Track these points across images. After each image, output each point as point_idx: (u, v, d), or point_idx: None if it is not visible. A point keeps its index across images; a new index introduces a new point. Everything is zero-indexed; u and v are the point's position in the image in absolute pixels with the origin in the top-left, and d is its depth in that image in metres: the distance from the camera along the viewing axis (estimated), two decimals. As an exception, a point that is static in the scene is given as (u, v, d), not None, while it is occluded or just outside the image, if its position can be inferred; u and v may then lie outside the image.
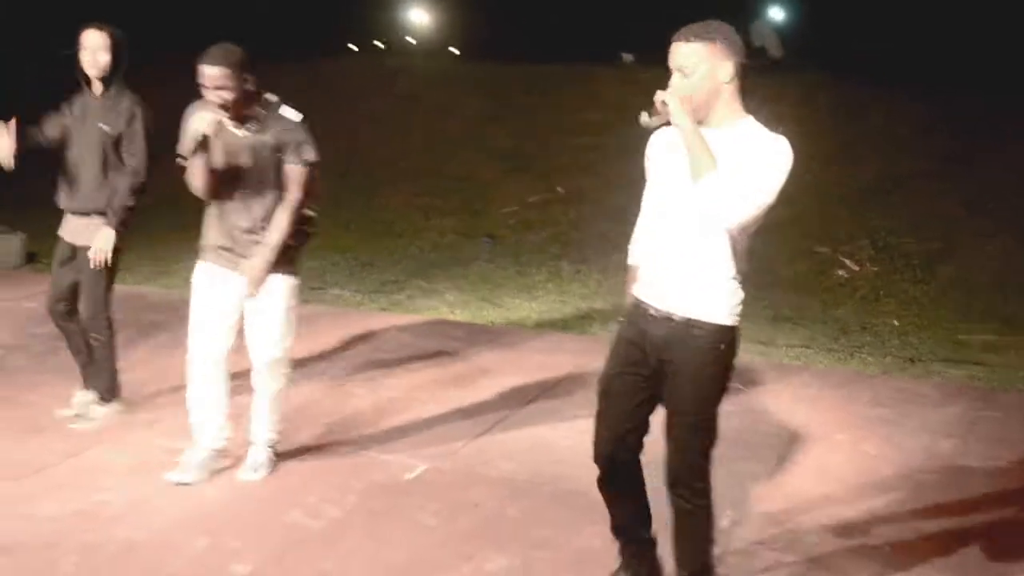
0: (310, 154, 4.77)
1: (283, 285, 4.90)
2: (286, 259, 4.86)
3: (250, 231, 4.82)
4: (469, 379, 6.73)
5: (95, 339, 5.68)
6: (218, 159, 4.74)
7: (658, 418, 3.74)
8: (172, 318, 8.06)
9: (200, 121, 4.54)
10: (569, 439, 5.60)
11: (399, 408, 6.14)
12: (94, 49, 5.36)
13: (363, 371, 6.83)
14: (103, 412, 5.77)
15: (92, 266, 5.46)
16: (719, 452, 5.29)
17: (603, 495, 3.91)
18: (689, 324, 3.53)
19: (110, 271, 5.53)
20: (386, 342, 7.60)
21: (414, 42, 54.60)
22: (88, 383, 5.83)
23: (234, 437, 5.16)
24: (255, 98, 4.73)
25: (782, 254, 10.81)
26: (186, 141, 4.61)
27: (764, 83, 16.19)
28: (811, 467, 5.49)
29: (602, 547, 4.15)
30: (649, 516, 3.94)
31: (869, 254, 10.69)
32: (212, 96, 4.58)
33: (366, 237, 11.47)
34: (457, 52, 47.36)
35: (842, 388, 6.89)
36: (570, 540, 4.50)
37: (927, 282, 10.03)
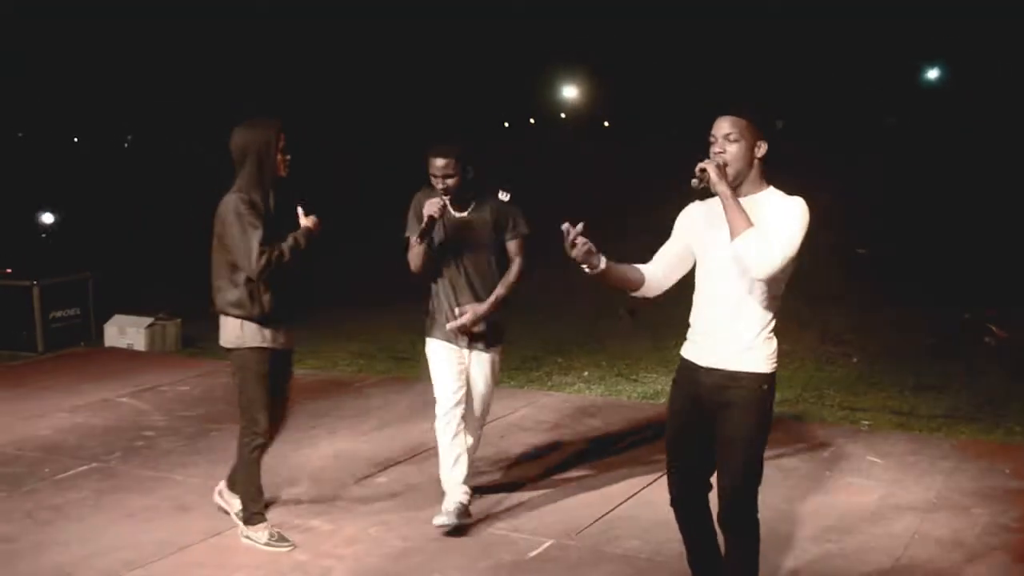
0: (524, 227, 5.56)
1: (497, 356, 5.73)
2: (500, 332, 5.70)
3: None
4: (600, 455, 6.79)
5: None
6: (439, 238, 5.45)
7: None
8: (310, 398, 8.36)
9: (430, 206, 5.22)
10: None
11: (529, 484, 6.23)
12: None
13: (495, 447, 6.93)
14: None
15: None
16: (856, 527, 5.28)
17: (681, 532, 4.34)
18: (734, 376, 3.99)
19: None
20: (520, 419, 7.70)
21: (563, 116, 55.47)
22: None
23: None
24: (472, 183, 5.45)
25: (926, 321, 10.62)
26: (415, 225, 5.36)
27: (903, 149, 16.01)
28: (947, 541, 5.37)
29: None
30: (719, 547, 4.22)
31: (1020, 319, 10.39)
32: (438, 184, 5.26)
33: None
34: (607, 125, 48.07)
35: (983, 459, 6.69)
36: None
37: (1079, 347, 9.70)
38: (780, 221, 3.87)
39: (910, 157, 15.29)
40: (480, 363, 5.63)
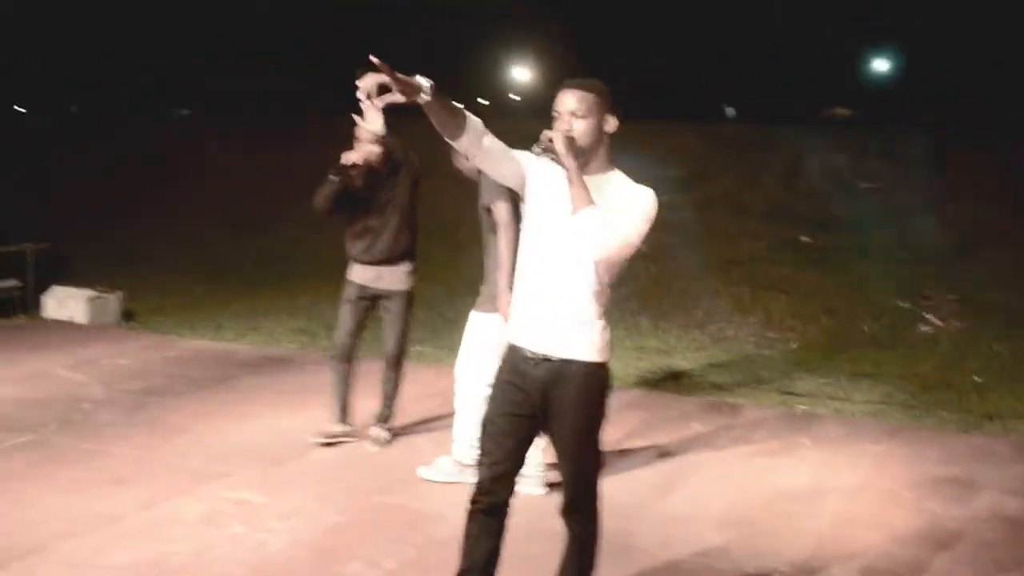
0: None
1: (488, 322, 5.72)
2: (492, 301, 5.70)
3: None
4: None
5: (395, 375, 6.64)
6: None
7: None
8: (250, 373, 8.34)
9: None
10: (634, 496, 5.68)
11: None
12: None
13: (431, 426, 6.96)
14: (387, 435, 6.64)
15: (401, 309, 6.54)
16: (785, 508, 5.35)
17: (467, 535, 3.88)
18: (566, 363, 3.72)
19: (409, 312, 6.62)
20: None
21: (517, 99, 55.33)
22: (345, 416, 6.57)
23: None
24: None
25: (865, 310, 10.76)
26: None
27: (851, 140, 16.21)
28: (872, 523, 5.47)
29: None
30: (497, 563, 3.91)
31: (954, 309, 10.56)
32: None
33: (450, 294, 11.61)
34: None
35: (913, 445, 6.83)
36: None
37: (1012, 338, 9.87)
38: (626, 206, 3.67)
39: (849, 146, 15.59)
40: None
